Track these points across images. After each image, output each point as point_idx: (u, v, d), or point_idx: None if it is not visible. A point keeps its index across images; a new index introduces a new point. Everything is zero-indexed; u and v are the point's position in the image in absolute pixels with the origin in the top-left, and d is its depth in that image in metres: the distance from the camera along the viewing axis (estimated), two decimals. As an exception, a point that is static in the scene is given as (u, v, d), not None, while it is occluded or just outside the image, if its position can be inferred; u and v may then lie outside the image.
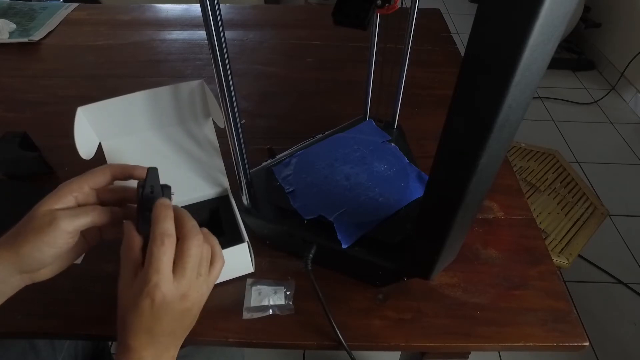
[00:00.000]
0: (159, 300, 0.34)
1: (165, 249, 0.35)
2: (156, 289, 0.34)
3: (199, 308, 0.38)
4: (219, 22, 0.38)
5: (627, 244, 1.54)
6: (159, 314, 0.35)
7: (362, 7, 0.39)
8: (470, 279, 0.55)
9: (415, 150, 0.66)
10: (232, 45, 1.00)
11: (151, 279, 0.34)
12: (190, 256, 0.36)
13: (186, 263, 0.36)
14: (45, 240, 0.36)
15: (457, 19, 2.86)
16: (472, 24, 0.27)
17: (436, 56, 0.97)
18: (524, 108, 0.31)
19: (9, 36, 0.99)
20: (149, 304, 0.34)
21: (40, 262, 0.37)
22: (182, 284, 0.35)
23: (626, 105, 2.19)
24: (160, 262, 0.34)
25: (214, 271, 0.39)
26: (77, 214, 0.37)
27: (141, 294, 0.34)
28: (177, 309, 0.36)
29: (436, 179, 0.37)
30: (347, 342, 0.48)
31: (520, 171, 1.29)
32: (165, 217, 0.36)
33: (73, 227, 0.37)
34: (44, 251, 0.36)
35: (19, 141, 0.65)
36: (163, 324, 0.35)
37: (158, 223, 0.36)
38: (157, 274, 0.34)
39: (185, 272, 0.36)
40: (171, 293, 0.35)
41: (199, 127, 0.55)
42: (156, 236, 0.35)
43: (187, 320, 0.38)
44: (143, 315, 0.34)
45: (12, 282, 0.37)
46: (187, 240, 0.36)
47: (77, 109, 0.47)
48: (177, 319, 0.36)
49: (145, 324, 0.35)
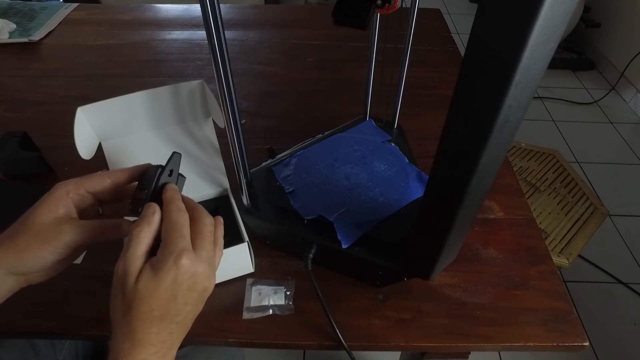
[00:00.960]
0: (185, 269, 0.34)
1: (185, 219, 0.36)
2: (183, 256, 0.34)
3: (210, 292, 0.38)
4: (219, 22, 0.38)
5: (627, 244, 1.54)
6: (179, 290, 0.34)
7: (362, 7, 0.39)
8: (470, 279, 0.55)
9: (415, 150, 0.66)
10: (232, 45, 1.00)
11: (178, 244, 0.34)
12: (206, 232, 0.37)
13: (204, 239, 0.37)
14: (49, 250, 0.36)
15: (457, 19, 2.86)
16: (472, 24, 0.27)
17: (436, 56, 0.97)
18: (524, 108, 0.31)
19: (9, 36, 0.99)
20: (173, 275, 0.34)
21: (40, 268, 0.37)
22: (202, 258, 0.36)
23: (626, 105, 2.19)
24: (183, 229, 0.35)
25: (218, 252, 0.40)
26: (83, 230, 0.38)
27: (166, 264, 0.33)
28: (197, 286, 0.35)
29: (436, 178, 0.37)
30: (347, 342, 0.48)
31: (520, 171, 1.29)
32: (177, 197, 0.38)
33: (77, 243, 0.37)
34: (47, 259, 0.37)
35: (19, 141, 0.65)
36: (178, 305, 0.34)
37: (172, 201, 0.37)
38: (182, 240, 0.35)
39: (204, 247, 0.36)
40: (196, 265, 0.35)
41: (199, 127, 0.55)
42: (173, 210, 0.36)
43: (200, 305, 0.37)
44: (164, 292, 0.33)
45: (7, 282, 0.37)
46: (201, 218, 0.37)
47: (77, 109, 0.47)
48: (193, 299, 0.36)
49: (162, 303, 0.33)
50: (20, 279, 0.38)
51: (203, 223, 0.37)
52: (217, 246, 0.40)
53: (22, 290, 0.38)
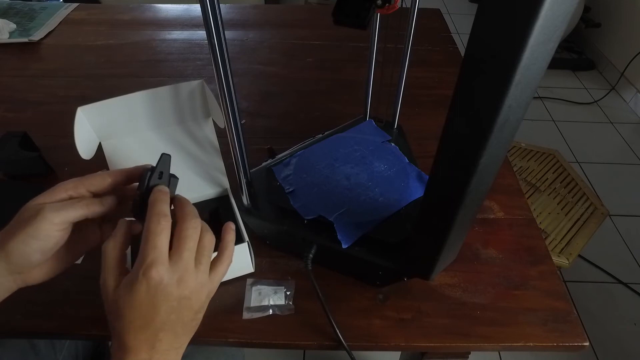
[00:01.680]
0: (155, 282, 0.33)
1: (162, 228, 0.34)
2: (152, 268, 0.33)
3: (198, 301, 0.36)
4: (219, 22, 0.38)
5: (627, 244, 1.54)
6: (155, 301, 0.33)
7: (363, 7, 0.39)
8: (470, 279, 0.55)
9: (415, 150, 0.66)
10: (232, 45, 1.00)
11: (148, 256, 0.33)
12: (186, 237, 0.35)
13: (182, 244, 0.35)
14: (30, 232, 0.35)
15: (457, 19, 2.86)
16: (472, 24, 0.27)
17: (436, 56, 0.97)
18: (524, 108, 0.31)
19: (9, 36, 0.99)
20: (145, 287, 0.33)
21: (27, 258, 0.36)
22: (178, 266, 0.34)
23: (626, 105, 2.19)
24: (157, 239, 0.34)
25: (220, 267, 0.38)
26: (64, 205, 0.36)
27: (137, 277, 0.33)
28: (174, 295, 0.34)
29: (436, 178, 0.37)
30: (347, 342, 0.48)
31: (520, 171, 1.29)
32: (161, 200, 0.36)
33: (59, 219, 0.35)
34: (29, 244, 0.35)
35: (19, 141, 0.65)
36: (161, 314, 0.34)
37: (154, 205, 0.35)
38: (154, 250, 0.33)
39: (181, 254, 0.34)
40: (168, 275, 0.33)
41: (199, 127, 0.55)
42: (152, 216, 0.35)
43: (186, 313, 0.36)
44: (141, 303, 0.33)
45: (3, 282, 0.36)
46: (183, 222, 0.36)
47: (77, 109, 0.47)
48: (175, 309, 0.34)
49: (143, 315, 0.33)
50: (16, 279, 0.37)
51: (183, 227, 0.35)
52: (224, 253, 0.39)
53: (22, 290, 0.38)
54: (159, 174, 0.39)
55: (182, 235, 0.35)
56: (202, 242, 0.37)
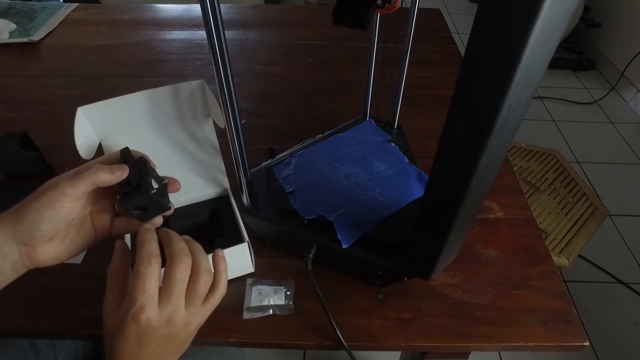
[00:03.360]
0: (143, 324, 0.34)
1: (152, 269, 0.35)
2: (141, 312, 0.33)
3: (187, 333, 0.37)
4: (219, 22, 0.38)
5: (627, 244, 1.54)
6: (143, 340, 0.34)
7: (362, 7, 0.39)
8: (470, 279, 0.55)
9: (415, 150, 0.66)
10: (232, 45, 1.00)
11: (137, 300, 0.34)
12: (175, 280, 0.35)
13: (172, 288, 0.35)
14: (43, 200, 0.35)
15: (457, 19, 2.86)
16: (472, 24, 0.27)
17: (436, 56, 0.97)
18: (524, 108, 0.31)
19: (9, 36, 0.99)
20: (134, 329, 0.34)
21: (37, 226, 0.36)
22: (167, 308, 0.35)
23: (626, 105, 2.19)
24: (146, 281, 0.34)
25: (212, 300, 0.38)
26: (76, 175, 0.37)
27: (126, 318, 0.34)
28: (162, 334, 0.35)
29: (436, 178, 0.37)
30: (347, 342, 0.48)
31: (520, 171, 1.29)
32: (150, 239, 0.36)
33: (72, 190, 0.36)
34: (42, 212, 0.35)
35: (19, 141, 0.65)
36: (149, 350, 0.35)
37: (143, 245, 0.36)
38: (142, 294, 0.34)
39: (171, 297, 0.35)
40: (156, 317, 0.34)
41: (199, 127, 0.55)
42: (142, 256, 0.35)
43: (174, 345, 0.37)
44: (129, 341, 0.34)
45: (9, 253, 0.36)
46: (172, 264, 0.36)
47: (77, 109, 0.47)
48: (162, 344, 0.36)
49: (131, 350, 0.34)
50: (22, 252, 0.36)
51: (173, 270, 0.35)
52: (217, 285, 0.39)
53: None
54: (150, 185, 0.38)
55: (172, 279, 0.35)
56: (197, 286, 0.37)
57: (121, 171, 0.38)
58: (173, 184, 0.42)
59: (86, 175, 0.37)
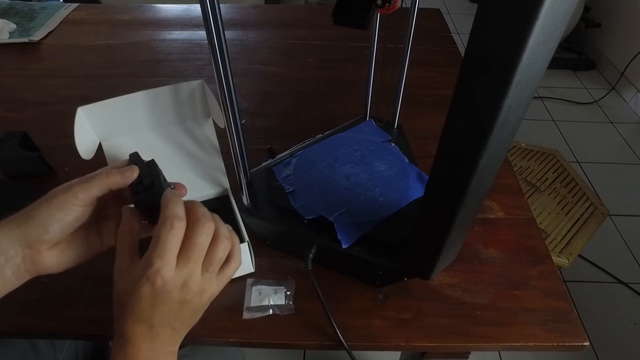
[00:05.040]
0: (158, 287, 0.33)
1: (174, 233, 0.34)
2: (157, 275, 0.33)
3: (200, 302, 0.36)
4: (219, 22, 0.38)
5: (627, 244, 1.54)
6: (157, 302, 0.34)
7: (362, 7, 0.39)
8: (470, 279, 0.55)
9: (416, 150, 0.66)
10: (232, 45, 1.00)
11: (154, 263, 0.33)
12: (196, 244, 0.35)
13: (191, 252, 0.34)
14: (55, 203, 0.36)
15: (457, 19, 2.86)
16: (472, 24, 0.27)
17: (436, 56, 0.97)
18: (524, 108, 0.31)
19: (9, 36, 0.99)
20: (148, 289, 0.33)
21: (46, 227, 0.36)
22: (183, 271, 0.34)
23: (626, 105, 2.19)
24: (166, 246, 0.33)
25: (227, 270, 0.38)
26: (88, 180, 0.37)
27: (141, 278, 0.33)
28: (175, 299, 0.34)
29: (436, 178, 0.37)
30: (347, 342, 0.48)
31: (520, 171, 1.29)
32: (176, 201, 0.35)
33: (84, 194, 0.36)
34: (52, 214, 0.36)
35: (19, 141, 0.65)
36: (160, 314, 0.34)
37: (168, 206, 0.35)
38: (160, 259, 0.33)
39: (189, 262, 0.34)
40: (172, 280, 0.34)
41: (199, 127, 0.55)
42: (166, 218, 0.34)
43: (186, 313, 0.36)
44: (142, 302, 0.33)
45: (13, 256, 0.36)
46: (195, 226, 0.35)
47: (77, 109, 0.47)
48: (174, 310, 0.35)
49: (143, 312, 0.34)
50: (26, 255, 0.36)
51: (195, 233, 0.35)
52: (232, 255, 0.38)
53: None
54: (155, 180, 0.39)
55: (192, 242, 0.35)
56: (216, 251, 0.36)
57: (131, 172, 0.38)
58: (180, 188, 0.42)
59: (98, 179, 0.37)
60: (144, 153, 0.42)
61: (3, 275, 0.36)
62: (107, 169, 0.38)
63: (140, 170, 0.39)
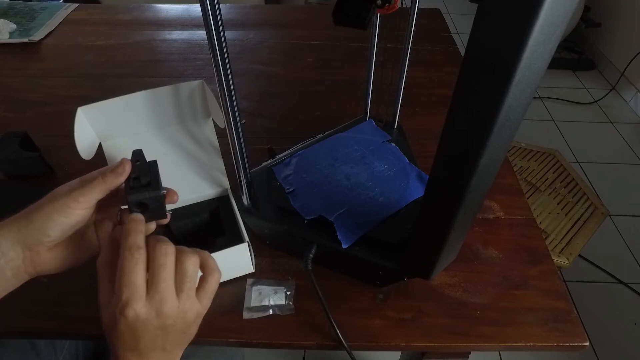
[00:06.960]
0: (132, 319, 0.33)
1: (135, 261, 0.33)
2: (128, 307, 0.32)
3: (185, 323, 0.36)
4: (219, 22, 0.38)
5: (627, 244, 1.54)
6: (137, 333, 0.33)
7: (362, 7, 0.39)
8: (471, 279, 0.55)
9: (416, 150, 0.66)
10: (232, 45, 1.00)
11: (122, 294, 0.33)
12: (159, 266, 0.34)
13: (157, 275, 0.34)
14: (56, 206, 0.36)
15: (457, 19, 2.86)
16: (472, 24, 0.27)
17: (436, 56, 0.97)
18: (524, 108, 0.31)
19: (9, 36, 0.99)
20: (124, 323, 0.33)
21: (46, 231, 0.36)
22: (155, 298, 0.33)
23: (626, 105, 2.19)
24: (131, 275, 0.33)
25: (207, 286, 0.37)
26: (88, 185, 0.37)
27: (115, 313, 0.33)
28: (155, 326, 0.34)
29: (436, 178, 0.37)
30: (347, 342, 0.48)
31: (520, 171, 1.29)
32: (135, 230, 0.35)
33: (84, 198, 0.37)
34: (53, 217, 0.36)
35: (19, 141, 0.65)
36: (146, 341, 0.34)
37: (127, 237, 0.35)
38: (127, 288, 0.33)
39: (158, 285, 0.34)
40: (145, 310, 0.33)
41: (199, 127, 0.55)
42: (125, 249, 0.34)
43: (173, 336, 0.36)
44: (122, 335, 0.34)
45: (13, 258, 0.36)
46: (153, 251, 0.35)
47: (77, 109, 0.47)
48: (159, 335, 0.35)
49: (128, 342, 0.34)
50: (26, 257, 0.36)
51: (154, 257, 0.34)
52: (206, 270, 0.37)
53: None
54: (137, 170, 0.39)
55: (155, 266, 0.34)
56: (183, 266, 0.35)
57: (122, 167, 0.38)
58: (171, 195, 0.41)
59: (97, 184, 0.37)
60: (144, 153, 0.42)
61: (3, 277, 0.36)
62: (101, 171, 0.38)
63: (140, 168, 0.39)
